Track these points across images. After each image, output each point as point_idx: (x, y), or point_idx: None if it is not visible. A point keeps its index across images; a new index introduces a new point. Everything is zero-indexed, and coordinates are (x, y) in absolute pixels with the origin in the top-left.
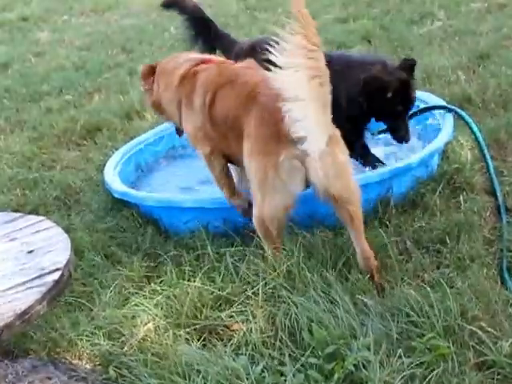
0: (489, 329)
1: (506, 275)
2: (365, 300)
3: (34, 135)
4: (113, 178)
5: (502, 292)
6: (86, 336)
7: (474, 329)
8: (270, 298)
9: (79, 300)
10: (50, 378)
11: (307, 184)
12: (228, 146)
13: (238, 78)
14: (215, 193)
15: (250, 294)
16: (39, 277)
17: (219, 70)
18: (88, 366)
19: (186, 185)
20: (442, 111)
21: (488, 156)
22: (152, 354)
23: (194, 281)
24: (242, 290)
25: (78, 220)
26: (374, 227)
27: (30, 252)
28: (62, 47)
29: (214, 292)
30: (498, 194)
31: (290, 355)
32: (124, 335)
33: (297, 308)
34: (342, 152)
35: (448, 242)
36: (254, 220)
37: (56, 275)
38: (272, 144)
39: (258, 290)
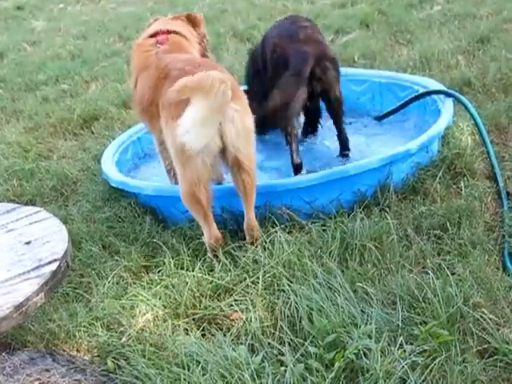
0: (491, 316)
1: (508, 261)
2: (365, 287)
3: (30, 125)
4: (110, 168)
5: (504, 278)
6: (84, 327)
7: (477, 316)
8: (270, 286)
9: (77, 291)
10: (48, 370)
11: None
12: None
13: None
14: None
15: (249, 282)
16: (36, 268)
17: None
18: (86, 358)
19: None
20: (441, 96)
21: (488, 141)
22: (151, 345)
23: (193, 270)
24: (241, 279)
25: (75, 210)
26: (374, 214)
27: (28, 243)
28: (58, 36)
29: (212, 281)
30: (499, 179)
31: (289, 344)
32: (122, 326)
33: (297, 297)
34: (249, 118)
35: (449, 228)
36: (180, 196)
37: (53, 266)
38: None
39: (258, 278)
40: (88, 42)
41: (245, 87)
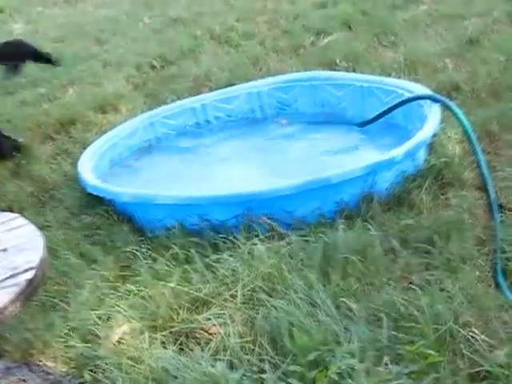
0: (482, 336)
1: (501, 278)
2: (349, 303)
3: (8, 128)
4: (87, 173)
5: (497, 296)
6: (61, 338)
7: (467, 336)
8: (249, 300)
9: (54, 300)
10: (24, 381)
11: None
12: None
13: None
14: (190, 188)
15: (227, 296)
16: (12, 276)
17: None
18: (63, 369)
19: (160, 180)
20: (428, 101)
21: (478, 149)
22: (128, 358)
23: (170, 281)
24: (219, 292)
25: (52, 217)
26: (358, 225)
27: (4, 250)
28: (37, 39)
29: (190, 293)
30: (490, 191)
31: (270, 362)
32: (99, 337)
33: (277, 311)
34: None
35: (437, 241)
36: None
37: (29, 275)
38: None
39: (237, 292)
40: (65, 45)
41: None
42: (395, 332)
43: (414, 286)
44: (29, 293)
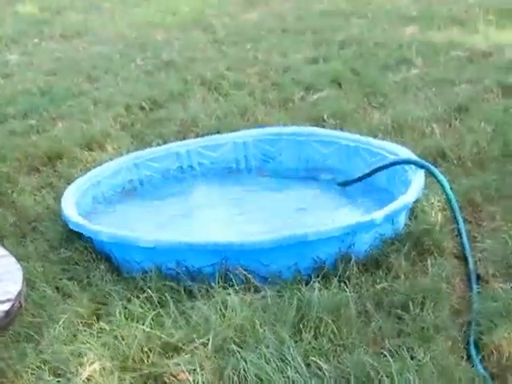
0: None
1: (473, 351)
2: (319, 363)
3: None
4: (69, 209)
5: (468, 369)
6: (32, 370)
7: None
8: (220, 349)
9: (28, 331)
10: None
11: None
12: None
13: None
14: (169, 233)
15: (198, 344)
16: None
17: None
18: None
19: (140, 222)
20: (413, 166)
21: (460, 218)
22: None
23: (143, 323)
24: (191, 339)
25: (32, 248)
26: (333, 284)
27: None
28: (30, 70)
29: (162, 337)
30: (470, 260)
31: None
32: (70, 373)
33: (246, 364)
34: None
35: (411, 308)
36: None
37: (7, 306)
38: None
39: (208, 340)
40: (58, 79)
41: None
42: None
43: (385, 352)
44: (5, 324)
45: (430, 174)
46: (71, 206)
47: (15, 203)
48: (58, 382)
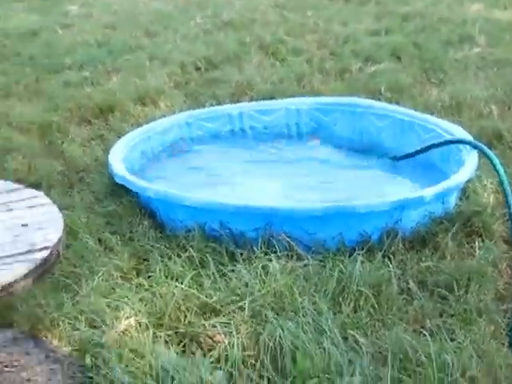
0: None
1: None
2: (357, 336)
3: (49, 106)
4: (117, 162)
5: (508, 355)
6: (69, 319)
7: None
8: (257, 315)
9: (67, 281)
10: (28, 354)
11: None
12: None
13: None
14: (215, 193)
15: (236, 307)
16: (29, 252)
17: None
18: (66, 349)
19: (187, 180)
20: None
21: None
22: (129, 350)
23: (182, 282)
24: (229, 302)
25: (78, 199)
26: (377, 259)
27: (24, 225)
28: (89, 22)
29: (200, 298)
30: None
31: (269, 380)
32: (105, 325)
33: (283, 331)
34: None
35: (455, 289)
36: None
37: (45, 253)
38: None
39: (245, 304)
40: (116, 33)
41: None
42: (399, 374)
43: (424, 331)
44: (43, 270)
45: (484, 155)
46: (119, 161)
47: (64, 153)
48: (93, 333)
